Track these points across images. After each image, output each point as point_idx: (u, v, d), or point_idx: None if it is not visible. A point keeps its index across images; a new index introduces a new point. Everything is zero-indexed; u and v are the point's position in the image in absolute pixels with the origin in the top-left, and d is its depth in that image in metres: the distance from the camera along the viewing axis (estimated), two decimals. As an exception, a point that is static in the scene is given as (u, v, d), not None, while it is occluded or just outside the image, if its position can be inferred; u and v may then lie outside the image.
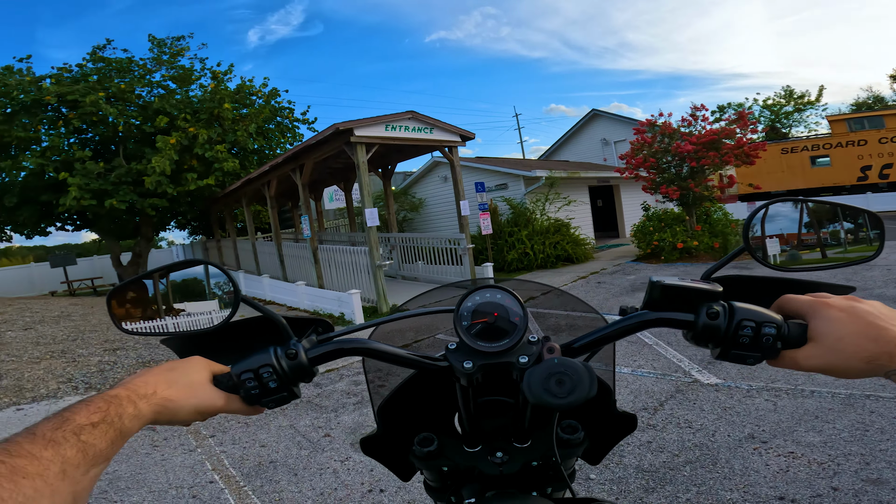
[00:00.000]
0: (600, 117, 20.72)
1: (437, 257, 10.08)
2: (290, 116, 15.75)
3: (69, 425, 0.44)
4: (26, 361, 5.79)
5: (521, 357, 0.59)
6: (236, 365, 0.60)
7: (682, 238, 9.90)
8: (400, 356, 0.65)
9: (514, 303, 0.63)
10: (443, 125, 9.07)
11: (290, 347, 0.61)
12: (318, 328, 0.69)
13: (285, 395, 0.61)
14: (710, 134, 9.81)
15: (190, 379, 0.57)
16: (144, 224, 14.77)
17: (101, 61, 13.41)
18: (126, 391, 0.51)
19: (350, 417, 3.67)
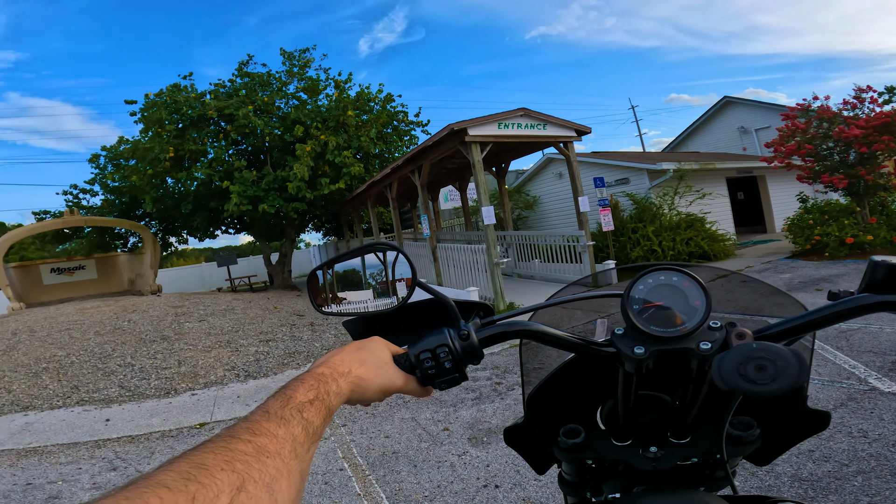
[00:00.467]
0: (735, 104, 18.61)
1: (554, 255, 9.87)
2: (405, 120, 16.45)
3: (293, 403, 0.47)
4: (200, 350, 6.86)
5: (702, 343, 0.56)
6: (414, 345, 0.62)
7: (852, 232, 8.42)
8: (565, 340, 0.64)
9: (693, 286, 0.60)
10: (556, 121, 8.86)
11: (461, 329, 0.62)
12: (479, 311, 0.70)
13: (457, 376, 0.62)
14: (881, 116, 8.43)
15: (376, 358, 0.59)
16: (289, 227, 16.61)
17: (247, 76, 14.87)
18: (328, 369, 0.54)
19: (468, 413, 3.71)
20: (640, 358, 0.57)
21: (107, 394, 5.27)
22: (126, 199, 16.74)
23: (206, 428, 4.09)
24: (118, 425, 4.32)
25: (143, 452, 3.63)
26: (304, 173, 12.69)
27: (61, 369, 6.06)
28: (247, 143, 14.64)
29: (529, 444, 0.78)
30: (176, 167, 14.09)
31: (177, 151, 13.61)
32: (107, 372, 5.94)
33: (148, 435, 4.03)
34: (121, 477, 3.21)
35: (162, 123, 13.41)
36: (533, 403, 0.75)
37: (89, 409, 4.87)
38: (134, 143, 15.22)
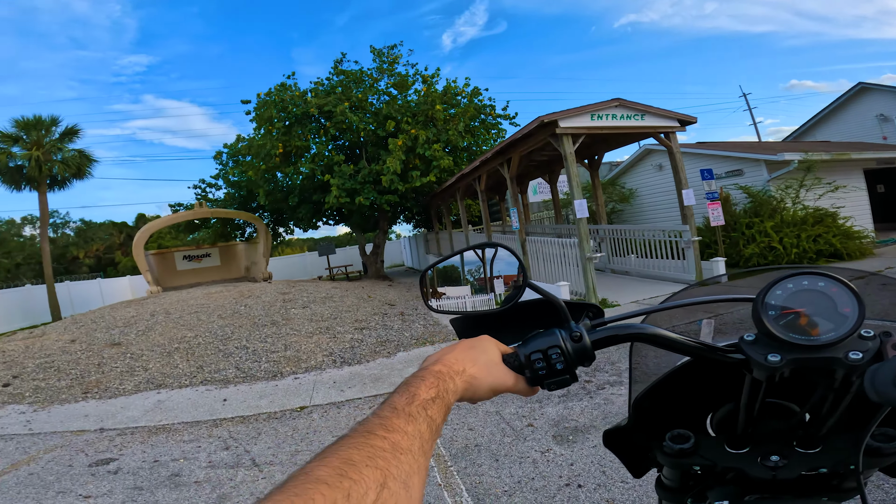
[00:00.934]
0: (872, 91, 16.35)
1: (652, 251, 9.26)
2: (492, 113, 16.34)
3: (418, 400, 0.48)
4: (303, 335, 7.43)
5: (851, 353, 0.52)
6: (525, 345, 0.62)
7: None
8: (686, 344, 0.62)
9: (843, 292, 0.56)
10: (655, 110, 8.30)
11: (574, 330, 0.62)
12: (589, 312, 0.69)
13: (567, 377, 0.61)
14: None
15: (488, 358, 0.60)
16: (382, 218, 17.37)
17: (342, 74, 15.59)
18: (445, 367, 0.55)
19: (554, 410, 3.65)
20: (774, 366, 0.54)
21: (225, 374, 5.93)
22: (244, 192, 18.58)
23: (304, 412, 4.43)
24: (233, 405, 4.83)
25: (251, 433, 4.02)
26: (397, 167, 13.14)
27: (189, 350, 6.92)
28: (344, 138, 15.42)
29: (629, 447, 0.77)
30: (284, 162, 15.21)
31: (285, 147, 14.68)
32: (226, 353, 6.67)
33: (256, 416, 4.46)
34: (232, 456, 3.55)
35: (272, 121, 14.48)
36: (639, 406, 0.74)
37: (210, 389, 5.51)
38: (249, 140, 16.74)
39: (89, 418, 4.75)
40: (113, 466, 3.50)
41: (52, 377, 6.26)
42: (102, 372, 6.30)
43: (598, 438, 3.06)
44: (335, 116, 13.98)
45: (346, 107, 14.00)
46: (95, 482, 3.24)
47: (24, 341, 8.32)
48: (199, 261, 18.12)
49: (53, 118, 17.92)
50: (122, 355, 6.88)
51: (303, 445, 3.62)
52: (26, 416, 5.04)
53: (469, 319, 0.75)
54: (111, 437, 4.17)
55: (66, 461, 3.67)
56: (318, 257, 22.43)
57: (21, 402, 5.56)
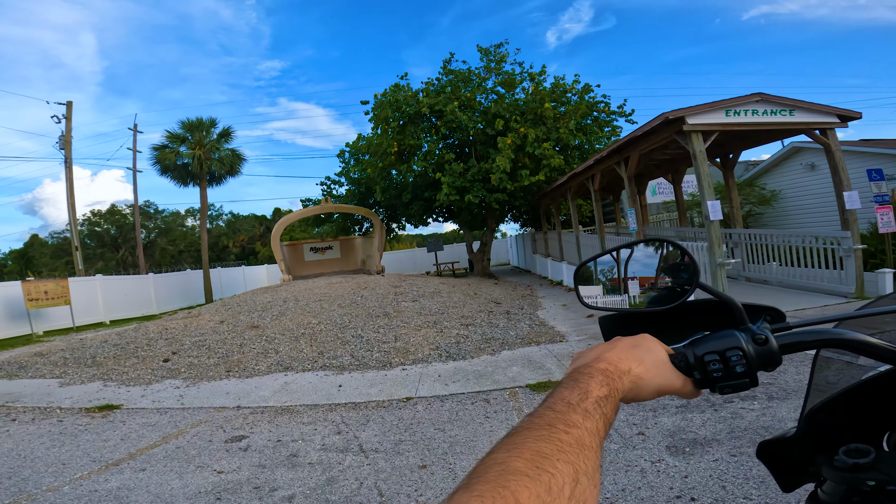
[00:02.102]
0: None
1: (800, 259, 8.06)
2: (606, 110, 15.50)
3: (591, 397, 0.47)
4: (412, 328, 7.71)
5: None
6: (695, 346, 0.59)
7: None
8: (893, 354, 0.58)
9: None
10: (807, 105, 7.30)
11: (757, 332, 0.59)
12: (767, 316, 0.66)
13: (747, 381, 0.58)
14: None
15: (655, 357, 0.57)
16: (490, 216, 17.46)
17: (451, 73, 15.78)
18: (610, 366, 0.53)
19: (670, 420, 3.41)
20: None
21: (342, 361, 6.40)
22: (363, 188, 19.94)
23: (410, 402, 4.60)
24: (347, 391, 5.18)
25: (360, 419, 4.26)
26: (506, 165, 13.09)
27: (313, 336, 7.60)
28: (454, 136, 15.74)
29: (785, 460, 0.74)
30: (398, 160, 15.98)
31: (399, 146, 15.40)
32: (343, 341, 7.21)
33: (367, 403, 4.73)
34: (343, 441, 3.78)
35: (387, 120, 15.20)
36: (813, 418, 0.71)
37: (328, 374, 5.98)
38: (368, 139, 17.89)
39: (230, 396, 5.39)
40: (244, 444, 3.90)
41: (203, 355, 7.26)
42: (243, 352, 7.18)
43: (721, 453, 2.82)
44: (445, 115, 14.28)
45: (456, 106, 14.23)
46: (228, 458, 3.62)
47: (184, 320, 9.79)
48: (322, 252, 19.83)
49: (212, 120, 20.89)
50: (258, 337, 7.78)
51: (406, 435, 3.75)
52: (180, 390, 5.81)
53: (621, 319, 0.74)
54: (245, 416, 4.67)
55: (207, 437, 4.15)
56: (426, 253, 23.25)
57: (177, 377, 6.45)
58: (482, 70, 15.84)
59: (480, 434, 3.65)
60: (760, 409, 3.39)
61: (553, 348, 6.08)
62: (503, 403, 4.29)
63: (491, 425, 3.81)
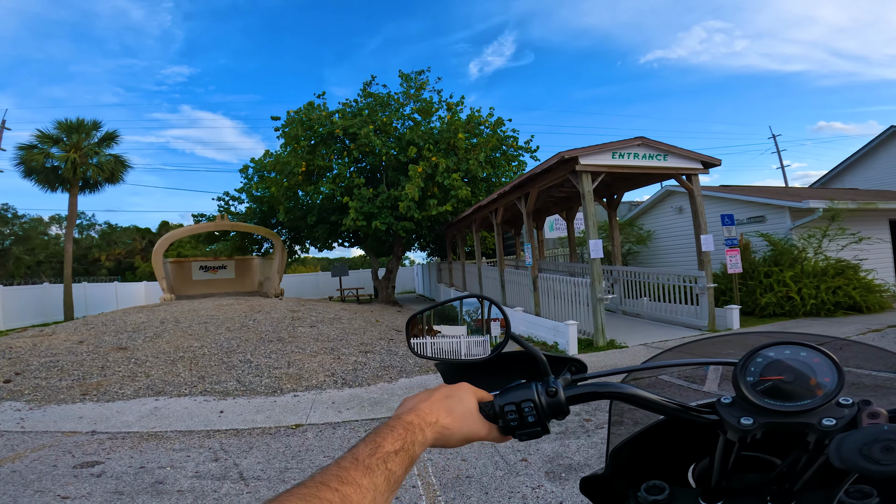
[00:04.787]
0: None
1: (666, 295, 9.09)
2: (514, 145, 16.39)
3: (380, 452, 0.49)
4: (308, 354, 7.39)
5: (825, 419, 0.55)
6: (501, 396, 0.64)
7: None
8: (661, 405, 0.64)
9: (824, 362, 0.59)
10: (679, 151, 8.21)
11: (550, 385, 0.64)
12: (571, 367, 0.72)
13: (538, 430, 0.63)
14: None
15: (464, 408, 0.61)
16: (397, 244, 17.46)
17: (370, 96, 15.75)
18: (417, 418, 0.56)
19: (550, 447, 3.59)
20: (746, 429, 0.58)
21: (225, 387, 5.90)
22: (265, 207, 18.91)
23: (299, 430, 4.36)
24: (229, 418, 4.78)
25: (243, 446, 3.96)
26: (415, 193, 13.24)
27: (194, 359, 6.93)
28: (366, 161, 15.60)
29: (605, 496, 0.78)
30: (306, 181, 15.44)
31: (308, 166, 14.91)
32: (229, 366, 6.66)
33: (251, 430, 4.40)
34: (220, 468, 3.50)
35: (298, 139, 14.73)
36: (617, 456, 0.76)
37: (209, 400, 5.47)
38: (276, 156, 17.10)
39: (83, 420, 4.73)
40: (97, 469, 3.45)
41: (53, 376, 6.29)
42: (104, 375, 6.32)
43: None
44: (359, 139, 14.19)
45: (371, 130, 14.17)
46: (76, 483, 3.19)
47: (33, 339, 8.42)
48: (214, 272, 18.35)
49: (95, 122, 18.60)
50: (126, 360, 6.91)
51: (293, 463, 3.54)
52: (21, 413, 5.04)
53: (453, 365, 0.78)
54: (101, 441, 4.13)
55: (52, 461, 3.63)
56: (330, 278, 22.55)
57: (19, 399, 5.56)
58: (401, 95, 15.93)
59: (368, 461, 3.57)
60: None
61: (450, 374, 6.15)
62: None
63: (380, 452, 3.74)
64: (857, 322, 8.01)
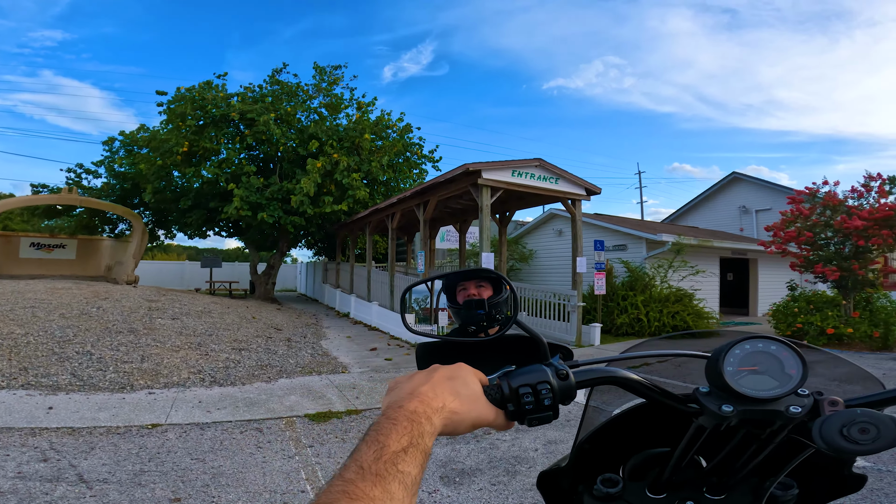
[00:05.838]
0: (741, 181, 18.61)
1: (542, 311, 9.77)
2: (419, 153, 16.61)
3: (386, 453, 0.42)
4: (168, 348, 6.56)
5: (792, 407, 0.60)
6: (514, 377, 0.61)
7: (833, 323, 8.53)
8: (654, 393, 0.66)
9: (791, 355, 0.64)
10: (569, 177, 8.92)
11: (560, 368, 0.62)
12: (561, 354, 0.72)
13: (551, 413, 0.60)
14: (885, 209, 8.38)
15: (471, 391, 0.55)
16: (283, 239, 16.43)
17: (277, 84, 15.03)
18: (421, 405, 0.49)
19: (442, 451, 3.61)
20: (727, 416, 0.60)
21: (56, 380, 4.95)
22: (127, 185, 16.61)
23: (158, 430, 3.80)
24: (61, 415, 4.02)
25: (81, 447, 3.35)
26: (310, 189, 12.67)
27: (15, 348, 5.70)
28: (260, 149, 14.70)
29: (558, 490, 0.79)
30: (186, 162, 14.07)
31: (191, 147, 13.66)
32: (62, 357, 5.60)
33: (91, 429, 3.74)
34: (52, 469, 2.93)
35: (184, 118, 13.51)
36: (581, 449, 0.77)
37: (33, 395, 4.56)
38: (153, 132, 15.34)
39: None
40: None
41: None
42: None
43: (484, 482, 3.06)
44: (257, 125, 13.36)
45: (272, 118, 13.46)
46: None
47: None
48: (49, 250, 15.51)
49: None
50: (-86, 345, 5.45)
51: (151, 465, 3.09)
52: None
53: (436, 347, 0.74)
54: None
55: None
56: (199, 268, 20.44)
57: None
58: (311, 88, 15.38)
59: (251, 465, 3.25)
60: (510, 441, 3.83)
61: (335, 379, 5.90)
62: (279, 433, 3.93)
63: (263, 455, 3.43)
64: None
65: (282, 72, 15.46)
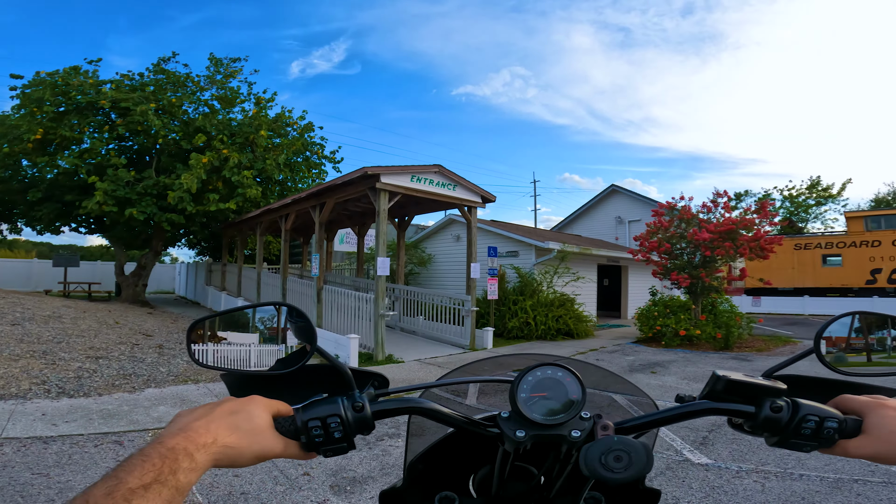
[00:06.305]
0: (618, 193, 20.42)
1: (439, 315, 9.98)
2: (319, 153, 16.13)
3: (121, 489, 0.40)
4: (5, 357, 5.63)
5: (573, 431, 0.64)
6: (304, 411, 0.61)
7: (685, 326, 9.83)
8: (454, 419, 0.69)
9: (574, 381, 0.68)
10: (466, 184, 9.23)
11: (356, 400, 0.63)
12: (374, 381, 0.72)
13: (345, 445, 0.62)
14: (727, 223, 9.71)
15: (253, 425, 0.54)
16: (157, 237, 14.85)
17: (162, 73, 13.86)
18: (184, 441, 0.48)
19: (332, 460, 3.52)
20: (520, 441, 0.64)
21: None
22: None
23: (-15, 454, 3.23)
24: None
25: None
26: (192, 185, 11.73)
27: None
28: (135, 140, 13.40)
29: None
30: (38, 150, 12.46)
31: (45, 134, 12.15)
32: None
33: None
34: None
35: (41, 103, 12.05)
36: (413, 470, 0.79)
37: None
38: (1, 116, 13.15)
39: None
40: None
41: None
42: None
43: (375, 490, 3.06)
44: (132, 115, 12.17)
45: (152, 109, 12.36)
46: None
47: None
48: None
49: None
50: None
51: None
52: None
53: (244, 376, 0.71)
54: None
55: None
56: (52, 267, 17.68)
57: None
58: (203, 79, 14.33)
59: (106, 479, 2.92)
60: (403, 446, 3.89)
61: (214, 388, 5.48)
62: (136, 441, 3.60)
63: (122, 468, 3.09)
64: (570, 346, 10.00)
65: (170, 61, 14.34)
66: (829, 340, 0.72)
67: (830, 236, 20.69)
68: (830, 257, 19.71)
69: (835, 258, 19.61)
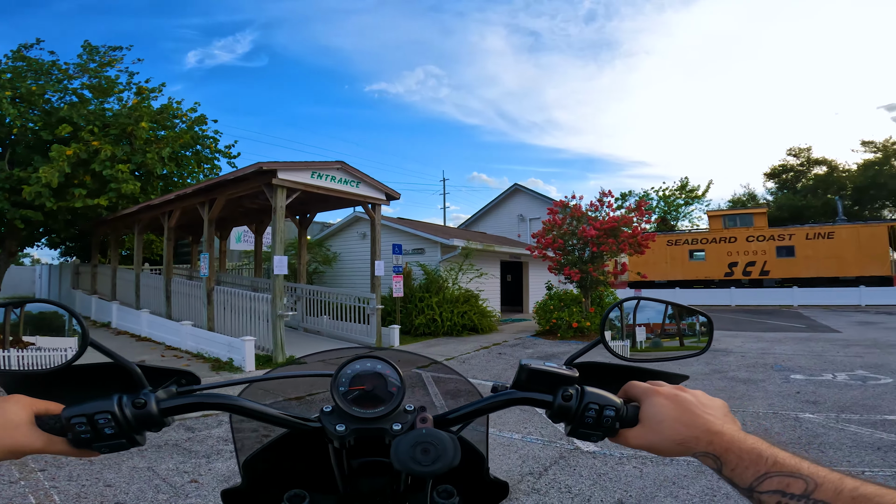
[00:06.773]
0: (521, 192, 21.42)
1: (344, 314, 9.81)
2: (212, 147, 15.00)
3: None
4: None
5: (394, 424, 0.63)
6: (68, 408, 0.59)
7: (577, 318, 10.61)
8: (267, 414, 0.66)
9: (393, 373, 0.67)
10: (370, 181, 9.12)
11: (139, 397, 0.61)
12: (181, 380, 0.69)
13: (123, 441, 0.60)
14: (611, 221, 10.57)
15: (5, 420, 0.56)
16: (10, 236, 12.85)
17: (23, 60, 12.59)
18: None
19: (225, 465, 3.40)
20: (340, 435, 0.63)
21: None
22: None
23: None
24: None
25: None
26: (53, 179, 10.38)
27: None
28: (-15, 129, 11.66)
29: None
30: None
31: None
32: None
33: None
34: None
35: None
36: (249, 468, 0.76)
37: None
38: None
39: None
40: None
41: None
42: None
43: None
44: None
45: (7, 97, 11.10)
46: None
47: None
48: None
49: None
50: None
51: None
52: None
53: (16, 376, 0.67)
54: None
55: None
56: None
57: None
58: (73, 68, 13.03)
59: None
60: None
61: None
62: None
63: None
64: (475, 340, 10.26)
65: (32, 47, 13.03)
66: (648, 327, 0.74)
67: (696, 233, 23.66)
68: (696, 252, 22.47)
69: (699, 253, 22.40)
